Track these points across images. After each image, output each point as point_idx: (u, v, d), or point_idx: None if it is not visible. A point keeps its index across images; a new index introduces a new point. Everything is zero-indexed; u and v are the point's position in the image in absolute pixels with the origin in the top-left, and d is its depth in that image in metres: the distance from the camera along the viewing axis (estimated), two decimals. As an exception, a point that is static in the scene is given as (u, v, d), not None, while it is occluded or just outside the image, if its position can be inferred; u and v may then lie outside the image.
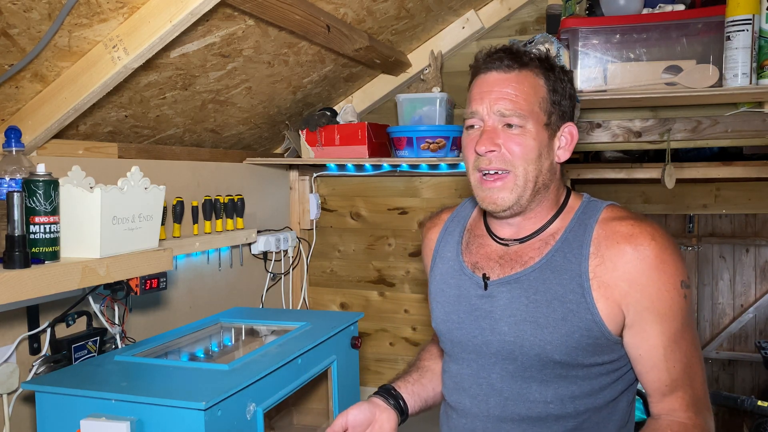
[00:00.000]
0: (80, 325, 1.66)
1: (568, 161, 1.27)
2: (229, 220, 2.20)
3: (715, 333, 4.92)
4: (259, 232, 2.39)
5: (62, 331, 1.62)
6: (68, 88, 1.39)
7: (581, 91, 1.74)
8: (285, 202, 2.66)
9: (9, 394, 1.48)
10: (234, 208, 2.21)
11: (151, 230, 1.50)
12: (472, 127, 1.21)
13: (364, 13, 1.89)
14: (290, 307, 2.67)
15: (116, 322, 1.73)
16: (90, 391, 1.28)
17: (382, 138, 2.33)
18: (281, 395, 1.48)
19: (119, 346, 1.72)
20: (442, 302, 1.31)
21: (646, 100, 1.97)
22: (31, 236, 1.26)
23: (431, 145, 2.17)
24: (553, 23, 1.99)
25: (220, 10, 1.45)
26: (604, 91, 1.71)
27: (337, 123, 2.32)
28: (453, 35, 2.39)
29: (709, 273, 4.98)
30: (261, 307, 2.47)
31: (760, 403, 2.65)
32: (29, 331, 1.53)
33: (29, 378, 1.51)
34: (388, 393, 1.33)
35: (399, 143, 2.23)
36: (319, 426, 1.85)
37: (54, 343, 1.58)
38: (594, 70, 1.72)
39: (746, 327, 4.89)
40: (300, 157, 2.38)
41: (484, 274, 1.23)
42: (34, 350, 1.56)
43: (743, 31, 1.55)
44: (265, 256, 2.49)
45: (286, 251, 2.61)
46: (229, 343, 1.85)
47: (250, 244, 2.37)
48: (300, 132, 2.33)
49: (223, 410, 1.26)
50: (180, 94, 1.72)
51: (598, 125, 2.24)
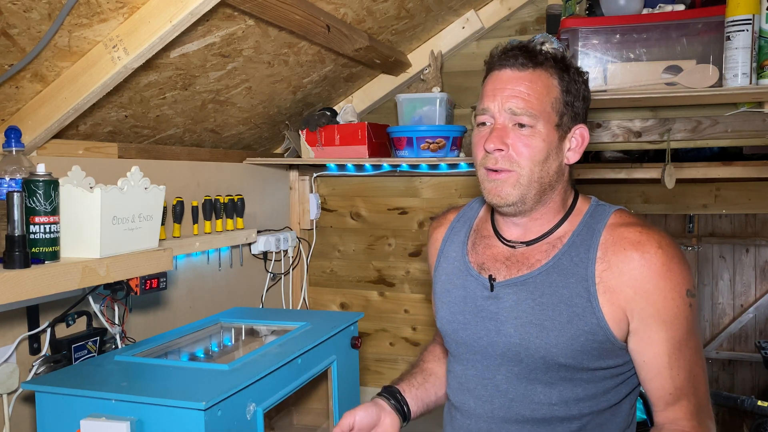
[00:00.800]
0: (80, 325, 1.66)
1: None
2: (229, 220, 2.20)
3: (715, 333, 4.92)
4: (259, 232, 2.39)
5: (62, 331, 1.62)
6: (68, 88, 1.39)
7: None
8: (285, 202, 2.66)
9: (9, 394, 1.48)
10: (234, 208, 2.21)
11: (151, 230, 1.50)
12: (483, 124, 1.20)
13: (364, 13, 1.89)
14: (290, 307, 2.67)
15: (116, 322, 1.73)
16: (90, 391, 1.28)
17: (382, 138, 2.33)
18: (281, 395, 1.48)
19: (119, 346, 1.72)
20: (447, 302, 1.30)
21: (646, 100, 1.97)
22: (31, 236, 1.26)
23: (431, 145, 2.17)
24: (553, 23, 1.99)
25: (220, 10, 1.45)
26: (604, 91, 1.71)
27: (337, 123, 2.32)
28: (453, 35, 2.39)
29: (709, 273, 4.98)
30: (261, 307, 2.47)
31: (760, 403, 2.65)
32: (29, 331, 1.53)
33: (29, 378, 1.51)
34: (393, 396, 1.32)
35: (399, 143, 2.23)
36: (319, 426, 1.85)
37: (54, 343, 1.58)
38: (594, 70, 1.72)
39: (746, 327, 4.89)
40: (300, 157, 2.38)
41: (490, 276, 1.23)
42: (34, 350, 1.56)
43: (743, 31, 1.54)
44: (265, 256, 2.49)
45: (286, 251, 2.61)
46: (229, 343, 1.85)
47: (250, 244, 2.37)
48: (300, 132, 2.33)
49: (223, 410, 1.26)
50: (180, 94, 1.72)
51: (598, 125, 2.24)
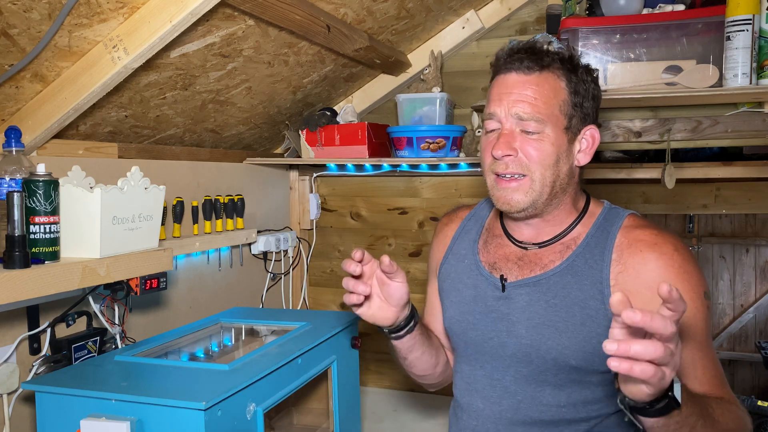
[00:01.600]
0: (80, 325, 1.66)
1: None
2: (229, 220, 2.19)
3: (715, 333, 4.92)
4: (259, 232, 2.39)
5: (62, 331, 1.62)
6: (68, 88, 1.39)
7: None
8: (285, 202, 2.66)
9: (9, 394, 1.48)
10: (234, 208, 2.21)
11: (151, 230, 1.50)
12: (492, 130, 1.19)
13: (364, 13, 1.89)
14: (290, 307, 2.67)
15: (116, 322, 1.73)
16: (90, 391, 1.28)
17: (382, 138, 2.33)
18: (281, 395, 1.47)
19: (119, 346, 1.72)
20: (456, 301, 1.29)
21: (646, 100, 1.96)
22: (31, 236, 1.26)
23: (431, 145, 2.17)
24: (553, 23, 1.99)
25: (220, 10, 1.45)
26: (605, 91, 1.70)
27: (337, 123, 2.32)
28: (453, 35, 2.38)
29: (709, 273, 4.98)
30: (261, 307, 2.47)
31: (760, 403, 2.65)
32: (29, 331, 1.53)
33: (29, 378, 1.51)
34: (413, 315, 1.28)
35: (399, 143, 2.23)
36: (319, 426, 1.85)
37: (54, 343, 1.58)
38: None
39: (746, 327, 4.89)
40: (300, 157, 2.38)
41: (502, 276, 1.22)
42: (34, 350, 1.56)
43: (743, 31, 1.54)
44: (265, 256, 2.49)
45: (286, 251, 2.61)
46: (229, 343, 1.85)
47: (250, 244, 2.37)
48: (300, 132, 2.33)
49: (223, 410, 1.26)
50: (180, 94, 1.72)
51: (599, 125, 2.24)
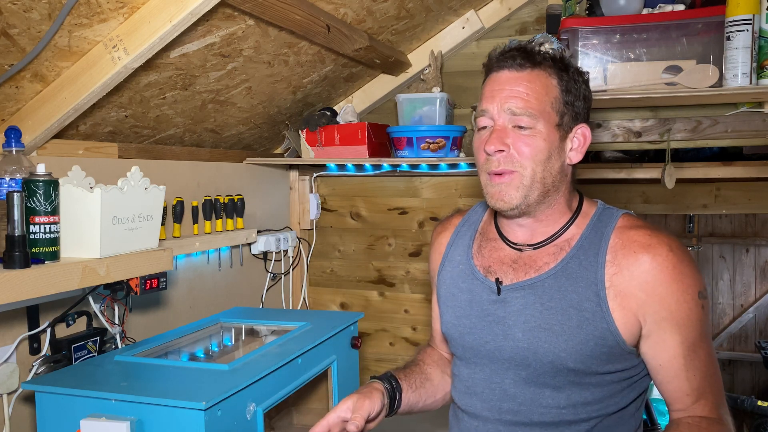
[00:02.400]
0: (80, 325, 1.66)
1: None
2: (229, 220, 2.20)
3: (715, 333, 4.92)
4: (259, 232, 2.39)
5: (62, 331, 1.62)
6: (68, 88, 1.39)
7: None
8: (285, 202, 2.66)
9: (9, 394, 1.48)
10: (234, 208, 2.21)
11: (151, 230, 1.50)
12: (484, 127, 1.19)
13: (364, 13, 1.89)
14: (290, 307, 2.67)
15: (116, 322, 1.73)
16: (90, 391, 1.28)
17: (382, 138, 2.33)
18: (281, 395, 1.48)
19: (119, 346, 1.72)
20: (453, 306, 1.29)
21: (646, 100, 1.97)
22: (31, 236, 1.26)
23: (431, 145, 2.17)
24: (553, 23, 1.99)
25: (220, 10, 1.45)
26: (604, 91, 1.71)
27: (337, 123, 2.32)
28: (453, 35, 2.38)
29: (709, 273, 4.98)
30: (261, 307, 2.47)
31: (760, 403, 2.66)
32: (29, 331, 1.53)
33: (29, 378, 1.51)
34: (392, 391, 1.26)
35: (399, 143, 2.23)
36: (319, 426, 1.84)
37: (54, 343, 1.58)
38: (594, 70, 1.72)
39: (746, 327, 4.89)
40: (300, 157, 2.38)
41: (497, 279, 1.22)
42: (34, 350, 1.56)
43: (743, 31, 1.54)
44: (265, 256, 2.49)
45: (286, 251, 2.61)
46: (229, 343, 1.85)
47: (250, 244, 2.37)
48: (300, 132, 2.33)
49: (223, 410, 1.26)
50: (180, 94, 1.72)
51: (598, 125, 2.24)
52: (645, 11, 1.73)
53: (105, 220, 1.36)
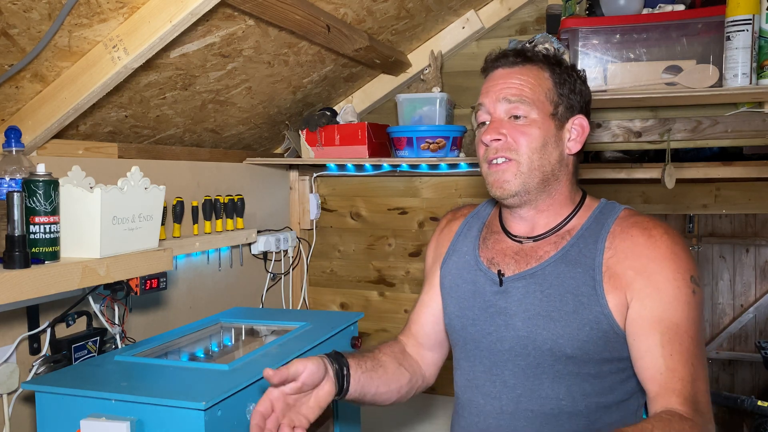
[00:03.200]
0: (80, 325, 1.66)
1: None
2: (229, 220, 2.19)
3: (715, 333, 4.92)
4: (259, 232, 2.39)
5: (62, 331, 1.62)
6: (68, 88, 1.39)
7: (581, 91, 1.74)
8: (285, 202, 2.66)
9: (9, 394, 1.48)
10: (234, 208, 2.21)
11: (151, 230, 1.50)
12: (483, 124, 1.24)
13: (364, 13, 1.89)
14: (290, 307, 2.67)
15: (116, 322, 1.73)
16: (90, 391, 1.28)
17: (382, 138, 2.33)
18: (281, 395, 1.47)
19: (119, 346, 1.72)
20: (456, 298, 1.30)
21: (646, 100, 1.97)
22: (31, 236, 1.26)
23: (431, 145, 2.17)
24: (553, 23, 1.99)
25: (220, 10, 1.45)
26: (604, 91, 1.71)
27: (337, 123, 2.32)
28: (453, 35, 2.39)
29: (709, 273, 4.98)
30: (261, 307, 2.47)
31: (760, 403, 2.65)
32: (29, 331, 1.53)
33: (29, 378, 1.51)
34: (340, 366, 1.16)
35: (399, 143, 2.23)
36: (319, 426, 1.84)
37: (54, 343, 1.58)
38: (594, 70, 1.72)
39: (746, 327, 4.89)
40: (300, 157, 2.38)
41: (499, 270, 1.24)
42: (34, 350, 1.56)
43: (743, 31, 1.54)
44: (265, 256, 2.49)
45: (286, 251, 2.61)
46: (229, 343, 1.85)
47: (250, 244, 2.37)
48: (300, 132, 2.33)
49: (223, 410, 1.26)
50: (180, 94, 1.72)
51: (598, 125, 2.24)
52: (645, 11, 1.73)
53: (105, 220, 1.36)
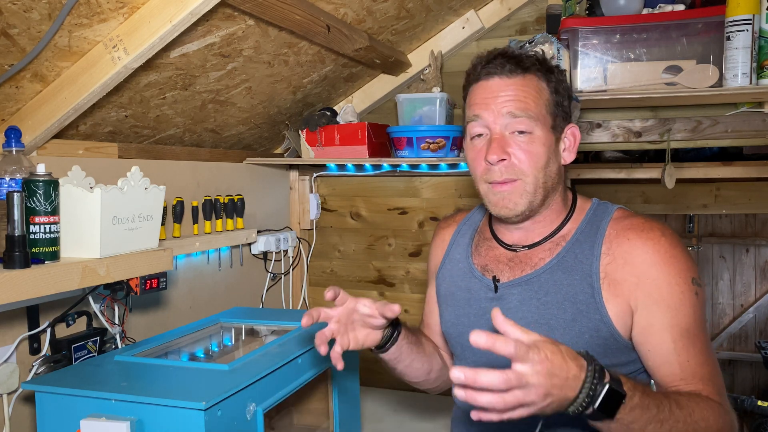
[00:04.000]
0: (80, 325, 1.66)
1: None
2: (229, 220, 2.20)
3: (715, 333, 4.92)
4: (259, 232, 2.39)
5: (62, 331, 1.62)
6: (68, 88, 1.39)
7: (581, 92, 1.74)
8: (285, 202, 2.66)
9: (9, 394, 1.48)
10: (234, 208, 2.21)
11: (151, 230, 1.50)
12: (478, 135, 1.19)
13: (364, 13, 1.89)
14: (290, 307, 2.67)
15: (116, 322, 1.73)
16: (90, 391, 1.28)
17: (382, 138, 2.33)
18: (281, 395, 1.47)
19: (119, 346, 1.72)
20: (452, 305, 1.29)
21: (646, 100, 1.97)
22: (31, 236, 1.26)
23: (431, 145, 2.17)
24: (553, 23, 1.99)
25: (220, 10, 1.45)
26: (604, 91, 1.71)
27: (337, 123, 2.32)
28: (453, 35, 2.39)
29: (709, 273, 4.98)
30: (261, 307, 2.47)
31: (760, 403, 2.66)
32: (29, 331, 1.53)
33: (29, 378, 1.51)
34: (392, 332, 1.21)
35: (399, 143, 2.23)
36: (319, 426, 1.85)
37: (54, 343, 1.58)
38: (594, 70, 1.72)
39: (746, 327, 4.89)
40: (300, 157, 2.38)
41: (494, 277, 1.22)
42: (34, 350, 1.56)
43: (743, 31, 1.55)
44: (265, 256, 2.49)
45: (286, 251, 2.61)
46: (229, 343, 1.85)
47: (250, 244, 2.37)
48: (300, 132, 2.33)
49: (223, 410, 1.26)
50: (180, 94, 1.72)
51: (598, 125, 2.24)
52: (645, 11, 1.73)
53: (105, 220, 1.36)
